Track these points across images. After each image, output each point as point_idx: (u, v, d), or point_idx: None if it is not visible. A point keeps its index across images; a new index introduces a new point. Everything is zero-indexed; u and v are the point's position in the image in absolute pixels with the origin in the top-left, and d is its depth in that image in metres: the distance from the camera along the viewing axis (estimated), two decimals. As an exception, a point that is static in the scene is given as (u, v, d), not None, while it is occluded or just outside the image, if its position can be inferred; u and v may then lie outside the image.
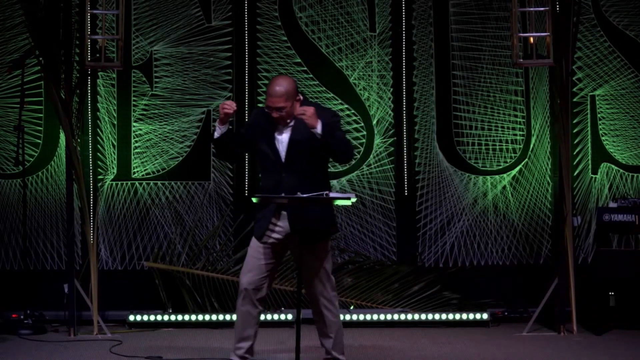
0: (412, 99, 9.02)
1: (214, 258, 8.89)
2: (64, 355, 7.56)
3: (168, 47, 8.97)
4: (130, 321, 8.54)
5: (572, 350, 7.64)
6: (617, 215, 8.36)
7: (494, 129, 9.01)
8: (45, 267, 8.91)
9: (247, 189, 8.94)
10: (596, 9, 8.93)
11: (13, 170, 8.86)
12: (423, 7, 9.01)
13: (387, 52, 9.01)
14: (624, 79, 8.95)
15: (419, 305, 8.74)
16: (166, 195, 8.97)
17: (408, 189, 9.01)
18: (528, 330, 8.23)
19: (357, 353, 7.52)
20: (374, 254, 8.99)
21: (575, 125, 8.88)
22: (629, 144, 8.98)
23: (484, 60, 8.99)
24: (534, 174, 8.99)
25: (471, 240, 8.98)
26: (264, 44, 9.02)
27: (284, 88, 6.43)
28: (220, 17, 9.00)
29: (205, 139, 8.96)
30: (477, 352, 7.59)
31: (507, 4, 8.57)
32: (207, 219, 9.00)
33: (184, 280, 8.76)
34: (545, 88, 8.88)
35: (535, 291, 8.59)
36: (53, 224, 8.93)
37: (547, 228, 8.93)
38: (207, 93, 8.99)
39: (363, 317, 8.54)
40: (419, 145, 9.01)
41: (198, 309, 8.70)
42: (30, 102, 8.81)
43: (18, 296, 8.50)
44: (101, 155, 8.90)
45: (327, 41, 9.00)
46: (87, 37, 8.30)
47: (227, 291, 8.76)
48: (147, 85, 8.97)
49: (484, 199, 9.00)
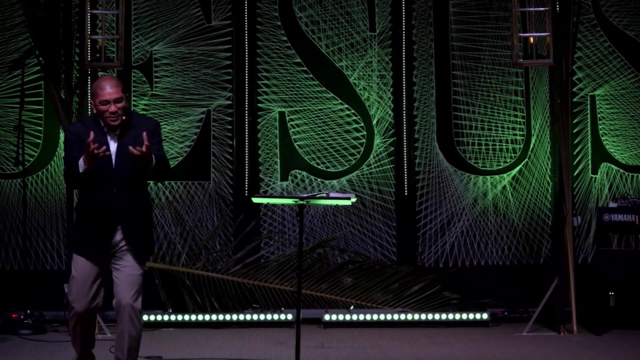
0: (412, 99, 9.02)
1: (214, 258, 8.89)
2: (64, 355, 7.55)
3: (168, 47, 8.97)
4: (130, 321, 8.53)
5: (572, 350, 7.64)
6: (617, 215, 8.35)
7: (494, 129, 9.01)
8: (45, 267, 8.91)
9: (247, 189, 8.93)
10: (596, 9, 8.93)
11: (13, 170, 8.86)
12: (423, 7, 9.01)
13: (387, 52, 9.01)
14: (624, 79, 8.95)
15: (419, 305, 8.74)
16: (166, 195, 8.96)
17: (408, 189, 9.01)
18: (528, 330, 8.23)
19: (357, 353, 7.52)
20: (374, 254, 8.99)
21: (575, 125, 8.88)
22: (629, 144, 8.98)
23: (484, 60, 8.98)
24: (534, 174, 8.99)
25: (471, 240, 8.98)
26: (264, 44, 9.01)
27: (115, 79, 6.19)
28: (220, 17, 9.00)
29: (205, 139, 8.96)
30: (477, 352, 7.59)
31: (507, 4, 8.57)
32: (207, 219, 9.00)
33: (184, 280, 8.76)
34: (545, 88, 8.87)
35: (535, 291, 8.59)
36: (53, 224, 8.93)
37: (547, 228, 8.93)
38: (207, 93, 8.99)
39: (363, 317, 8.54)
40: (419, 145, 9.01)
41: (198, 309, 8.69)
42: (30, 102, 8.81)
43: (18, 296, 8.50)
44: (101, 155, 8.89)
45: (327, 41, 9.00)
46: (87, 37, 8.29)
47: (227, 291, 8.76)
48: (147, 85, 8.97)
49: (484, 199, 9.00)
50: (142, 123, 6.15)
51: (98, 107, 6.04)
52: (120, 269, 6.22)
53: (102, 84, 6.05)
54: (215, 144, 8.99)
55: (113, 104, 6.03)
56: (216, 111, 8.99)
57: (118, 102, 6.04)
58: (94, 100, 6.06)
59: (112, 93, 6.03)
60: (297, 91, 8.98)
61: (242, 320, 8.58)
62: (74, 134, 6.10)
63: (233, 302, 8.75)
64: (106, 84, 6.05)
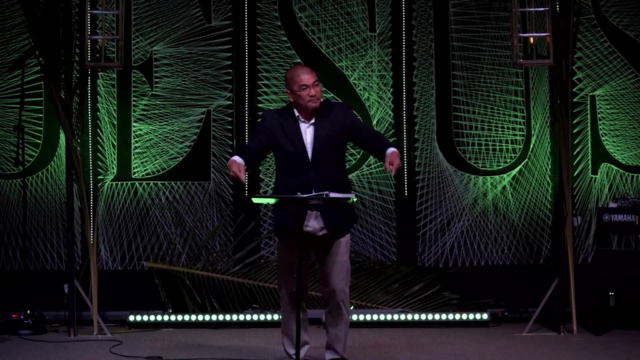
0: (412, 99, 9.02)
1: (214, 258, 8.89)
2: (64, 356, 7.56)
3: (168, 47, 8.97)
4: (130, 321, 8.54)
5: (572, 350, 7.64)
6: (617, 215, 8.35)
7: (494, 129, 9.01)
8: (45, 267, 8.91)
9: (247, 189, 8.94)
10: (596, 9, 8.93)
11: (13, 170, 8.86)
12: (423, 7, 9.01)
13: (387, 52, 9.01)
14: (624, 79, 8.95)
15: (419, 305, 8.74)
16: (166, 195, 8.97)
17: (408, 189, 9.01)
18: (528, 330, 8.23)
19: (357, 353, 7.52)
20: (374, 254, 9.00)
21: (575, 125, 8.88)
22: (629, 144, 8.98)
23: (484, 60, 8.99)
24: (534, 174, 8.99)
25: (471, 240, 8.98)
26: (264, 44, 9.02)
27: (308, 66, 6.72)
28: (220, 17, 9.00)
29: (205, 139, 8.97)
30: (477, 352, 7.59)
31: (507, 4, 8.57)
32: (207, 219, 9.00)
33: (184, 280, 8.76)
34: (545, 88, 8.87)
35: (535, 291, 8.59)
36: (53, 224, 8.93)
37: (547, 228, 8.93)
38: (207, 93, 8.99)
39: (363, 317, 8.54)
40: (419, 145, 9.01)
41: (198, 309, 8.70)
42: (30, 102, 8.81)
43: (18, 296, 8.50)
44: (101, 155, 8.91)
45: (327, 41, 9.00)
46: (87, 37, 8.30)
47: (227, 291, 8.76)
48: (147, 85, 8.97)
49: (484, 199, 9.00)
50: (332, 110, 6.61)
51: (297, 92, 6.53)
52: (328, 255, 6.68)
53: (298, 71, 6.58)
54: (215, 144, 9.00)
55: (312, 87, 6.52)
56: (216, 111, 8.99)
57: (316, 86, 6.53)
58: (292, 88, 6.55)
59: (309, 78, 6.56)
60: (297, 91, 8.97)
61: (242, 320, 8.59)
62: (267, 119, 6.63)
63: (233, 302, 8.75)
64: (303, 70, 6.60)
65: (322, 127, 6.56)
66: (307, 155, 6.55)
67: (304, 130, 6.58)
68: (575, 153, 8.88)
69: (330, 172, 6.54)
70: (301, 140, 6.55)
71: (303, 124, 6.59)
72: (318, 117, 6.58)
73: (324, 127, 6.56)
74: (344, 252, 6.70)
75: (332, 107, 6.66)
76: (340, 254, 6.68)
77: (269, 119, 6.64)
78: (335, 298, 6.70)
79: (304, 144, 6.55)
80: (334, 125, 6.56)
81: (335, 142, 6.58)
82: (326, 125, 6.56)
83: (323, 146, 6.54)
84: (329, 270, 6.66)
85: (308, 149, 6.55)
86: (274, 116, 6.65)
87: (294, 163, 6.55)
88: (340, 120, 6.59)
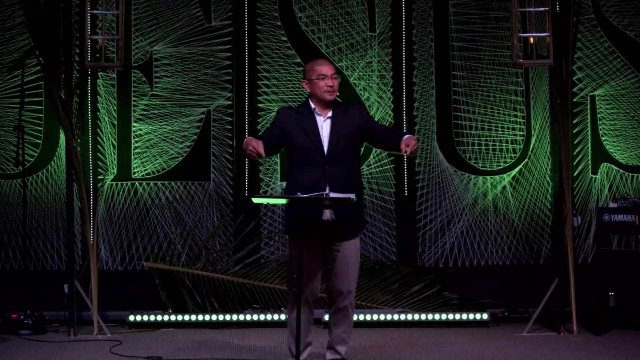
0: (412, 99, 9.02)
1: (214, 258, 8.89)
2: (64, 356, 7.56)
3: (168, 47, 8.97)
4: (130, 321, 8.54)
5: (572, 350, 7.64)
6: (617, 215, 8.35)
7: (494, 129, 9.01)
8: (45, 267, 8.91)
9: (247, 189, 8.94)
10: (596, 9, 8.93)
11: (13, 170, 8.86)
12: (423, 7, 9.01)
13: (387, 52, 9.01)
14: (624, 79, 8.95)
15: (419, 306, 8.74)
16: (166, 195, 8.97)
17: (408, 189, 9.01)
18: (528, 330, 8.23)
19: (357, 353, 7.52)
20: (374, 254, 8.99)
21: (575, 125, 8.88)
22: (629, 144, 8.98)
23: (484, 60, 8.99)
24: (534, 174, 8.99)
25: (471, 240, 8.98)
26: (264, 44, 9.02)
27: (327, 59, 6.85)
28: (220, 17, 9.00)
29: (205, 139, 8.97)
30: (477, 352, 7.59)
31: (507, 4, 8.57)
32: (207, 219, 9.00)
33: (184, 280, 8.76)
34: (545, 88, 8.87)
35: (535, 291, 8.59)
36: (53, 224, 8.93)
37: (547, 228, 8.93)
38: (207, 93, 8.99)
39: (363, 317, 8.54)
40: (419, 146, 9.00)
41: (198, 309, 8.70)
42: (30, 102, 8.81)
43: (18, 296, 8.50)
44: (101, 155, 8.91)
45: (327, 41, 9.00)
46: (87, 37, 8.30)
47: (227, 291, 8.76)
48: (147, 85, 8.97)
49: (484, 199, 9.00)
50: (349, 108, 6.68)
51: (315, 82, 6.57)
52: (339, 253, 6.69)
53: (318, 62, 6.68)
54: (215, 144, 9.00)
55: (330, 78, 6.56)
56: (216, 111, 8.99)
57: (334, 78, 6.58)
58: (310, 77, 6.60)
59: (328, 69, 6.61)
60: (297, 91, 8.98)
61: (242, 320, 8.59)
62: (281, 115, 6.69)
63: (233, 302, 8.75)
64: (323, 61, 6.72)
65: (339, 123, 6.59)
66: (323, 148, 6.55)
67: (320, 124, 6.60)
68: (575, 153, 8.88)
69: (345, 169, 6.55)
70: (317, 133, 6.56)
71: (319, 118, 6.61)
72: (334, 112, 6.61)
73: (340, 122, 6.58)
74: (355, 254, 6.70)
75: (348, 106, 6.74)
76: (351, 256, 6.67)
77: (284, 114, 6.68)
78: (343, 300, 6.70)
79: (320, 138, 6.57)
80: (351, 122, 6.59)
81: (351, 138, 6.59)
82: (343, 121, 6.59)
83: (339, 141, 6.55)
84: (339, 272, 6.66)
85: (324, 143, 6.56)
86: (289, 111, 6.70)
87: (309, 156, 6.54)
88: (357, 118, 6.63)
